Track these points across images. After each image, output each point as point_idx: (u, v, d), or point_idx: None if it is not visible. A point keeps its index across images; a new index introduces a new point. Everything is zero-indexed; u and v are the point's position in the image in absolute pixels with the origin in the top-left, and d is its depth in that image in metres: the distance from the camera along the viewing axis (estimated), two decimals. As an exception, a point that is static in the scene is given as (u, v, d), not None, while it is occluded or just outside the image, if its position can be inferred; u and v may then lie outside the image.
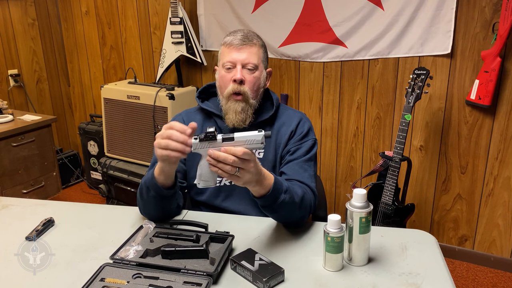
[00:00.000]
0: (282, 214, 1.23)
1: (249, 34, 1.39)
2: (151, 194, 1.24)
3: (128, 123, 2.87)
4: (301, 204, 1.24)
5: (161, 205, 1.27)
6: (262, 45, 1.41)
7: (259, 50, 1.38)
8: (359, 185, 2.68)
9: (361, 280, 1.04)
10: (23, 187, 2.72)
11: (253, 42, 1.37)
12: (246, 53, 1.35)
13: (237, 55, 1.35)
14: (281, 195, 1.17)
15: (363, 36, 2.47)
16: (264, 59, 1.41)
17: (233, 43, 1.36)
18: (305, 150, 1.39)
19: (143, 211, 1.33)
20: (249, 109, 1.37)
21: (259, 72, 1.38)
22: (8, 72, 3.23)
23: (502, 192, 2.35)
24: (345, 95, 2.63)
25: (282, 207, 1.19)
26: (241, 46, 1.35)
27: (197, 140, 1.08)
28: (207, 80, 2.96)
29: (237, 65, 1.35)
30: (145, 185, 1.26)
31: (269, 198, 1.16)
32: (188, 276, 1.03)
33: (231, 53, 1.36)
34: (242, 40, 1.35)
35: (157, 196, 1.23)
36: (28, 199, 1.55)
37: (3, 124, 2.65)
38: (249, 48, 1.36)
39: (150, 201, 1.26)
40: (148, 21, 3.14)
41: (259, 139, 1.05)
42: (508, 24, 2.03)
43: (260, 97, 1.42)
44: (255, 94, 1.38)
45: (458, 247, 2.54)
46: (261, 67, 1.39)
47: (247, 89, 1.35)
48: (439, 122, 2.41)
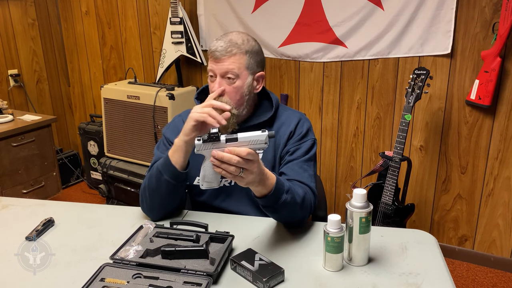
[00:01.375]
0: (284, 214, 1.23)
1: (231, 43, 1.32)
2: (164, 178, 1.25)
3: (128, 123, 2.87)
4: (302, 204, 1.25)
5: (170, 193, 1.29)
6: (247, 51, 1.33)
7: (241, 58, 1.32)
8: (359, 185, 2.68)
9: (361, 280, 1.04)
10: (23, 187, 2.72)
11: (233, 53, 1.31)
12: (227, 63, 1.31)
13: (216, 66, 1.33)
14: (283, 195, 1.18)
15: (363, 36, 2.46)
16: (250, 65, 1.34)
17: (214, 54, 1.33)
18: (304, 150, 1.39)
19: (148, 206, 1.33)
20: (232, 119, 1.33)
21: (241, 81, 1.33)
22: (8, 72, 3.23)
23: (502, 192, 2.35)
24: (345, 95, 2.63)
25: (283, 207, 1.19)
26: (220, 58, 1.32)
27: (200, 141, 1.07)
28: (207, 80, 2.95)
29: (217, 76, 1.34)
30: (156, 170, 1.27)
31: (271, 198, 1.16)
32: (188, 276, 1.03)
33: (211, 63, 1.35)
34: (221, 53, 1.31)
35: (169, 181, 1.25)
36: (28, 199, 1.55)
37: (3, 124, 2.65)
38: (228, 58, 1.31)
39: (160, 189, 1.27)
40: (148, 21, 3.14)
41: (263, 139, 1.05)
42: (508, 24, 2.03)
43: (248, 104, 1.39)
44: (238, 103, 1.35)
45: (458, 247, 2.54)
46: (245, 75, 1.34)
47: (227, 100, 1.33)
48: (439, 122, 2.41)
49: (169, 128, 1.48)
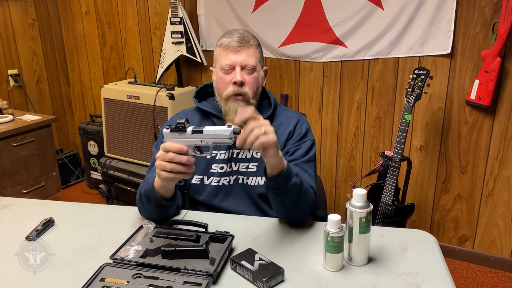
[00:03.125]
0: (291, 199, 1.23)
1: (245, 35, 1.38)
2: (151, 203, 1.25)
3: (128, 123, 2.87)
4: (306, 195, 1.25)
5: (161, 211, 1.29)
6: (258, 44, 1.41)
7: (256, 51, 1.39)
8: (359, 185, 2.68)
9: (361, 280, 1.04)
10: (23, 187, 2.72)
11: (250, 43, 1.37)
12: (244, 55, 1.35)
13: (235, 57, 1.35)
14: (293, 178, 1.20)
15: (363, 36, 2.47)
16: (260, 59, 1.42)
17: (231, 45, 1.35)
18: (304, 150, 1.39)
19: (143, 214, 1.34)
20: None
21: (258, 73, 1.39)
22: (8, 72, 3.23)
23: (502, 192, 2.35)
24: (345, 95, 2.63)
25: (292, 190, 1.21)
26: (239, 48, 1.35)
27: (168, 130, 1.12)
28: (207, 80, 2.96)
29: (236, 67, 1.35)
30: (144, 195, 1.27)
31: (285, 176, 1.18)
32: (188, 276, 1.03)
33: (228, 56, 1.36)
34: (240, 42, 1.35)
35: (157, 206, 1.26)
36: (28, 199, 1.55)
37: (3, 124, 2.65)
38: (246, 49, 1.36)
39: (151, 208, 1.28)
40: (148, 21, 3.14)
41: (227, 134, 1.08)
42: (508, 24, 2.03)
43: (258, 97, 1.43)
44: (255, 94, 1.40)
45: (458, 247, 2.54)
46: (259, 67, 1.40)
47: (248, 90, 1.36)
48: (439, 122, 2.41)
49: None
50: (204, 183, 1.42)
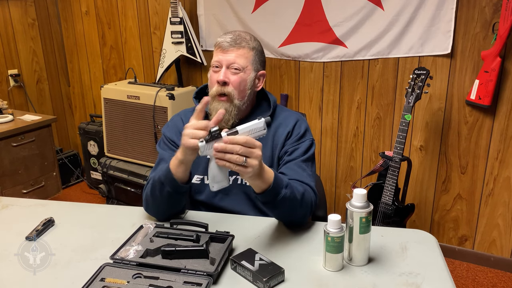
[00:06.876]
0: (284, 210, 1.23)
1: (240, 37, 1.36)
2: (166, 190, 1.25)
3: (128, 123, 2.87)
4: (302, 201, 1.24)
5: (173, 202, 1.28)
6: (254, 47, 1.38)
7: (248, 53, 1.36)
8: (359, 185, 2.68)
9: (361, 280, 1.04)
10: (23, 187, 2.72)
11: (242, 45, 1.35)
12: (234, 55, 1.34)
13: (223, 56, 1.35)
14: (282, 190, 1.18)
15: (363, 36, 2.46)
16: (255, 62, 1.38)
17: (221, 45, 1.35)
18: (303, 150, 1.39)
19: (151, 209, 1.33)
20: (233, 110, 1.35)
21: (246, 74, 1.36)
22: (8, 72, 3.23)
23: (502, 192, 2.35)
24: (345, 95, 2.63)
25: (283, 202, 1.19)
26: (229, 48, 1.34)
27: (203, 142, 1.07)
28: (207, 80, 2.92)
29: (223, 66, 1.35)
30: (159, 181, 1.26)
31: (271, 192, 1.16)
32: (188, 276, 1.03)
33: (218, 54, 1.36)
34: (230, 44, 1.35)
35: (172, 192, 1.25)
36: (28, 199, 1.55)
37: (3, 124, 2.65)
38: (236, 50, 1.35)
39: (163, 198, 1.27)
40: (148, 21, 3.14)
41: (261, 126, 1.08)
42: (508, 24, 2.03)
43: (249, 99, 1.40)
44: (241, 95, 1.37)
45: (458, 247, 2.54)
46: (249, 69, 1.37)
47: (231, 90, 1.34)
48: (439, 122, 2.41)
49: (169, 127, 1.49)
50: (205, 182, 1.42)
